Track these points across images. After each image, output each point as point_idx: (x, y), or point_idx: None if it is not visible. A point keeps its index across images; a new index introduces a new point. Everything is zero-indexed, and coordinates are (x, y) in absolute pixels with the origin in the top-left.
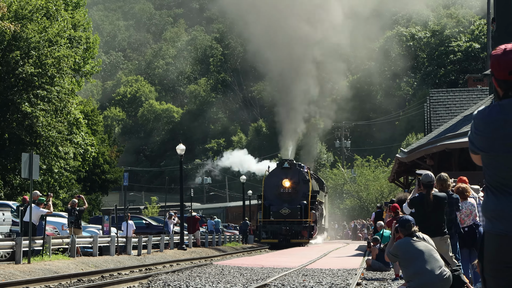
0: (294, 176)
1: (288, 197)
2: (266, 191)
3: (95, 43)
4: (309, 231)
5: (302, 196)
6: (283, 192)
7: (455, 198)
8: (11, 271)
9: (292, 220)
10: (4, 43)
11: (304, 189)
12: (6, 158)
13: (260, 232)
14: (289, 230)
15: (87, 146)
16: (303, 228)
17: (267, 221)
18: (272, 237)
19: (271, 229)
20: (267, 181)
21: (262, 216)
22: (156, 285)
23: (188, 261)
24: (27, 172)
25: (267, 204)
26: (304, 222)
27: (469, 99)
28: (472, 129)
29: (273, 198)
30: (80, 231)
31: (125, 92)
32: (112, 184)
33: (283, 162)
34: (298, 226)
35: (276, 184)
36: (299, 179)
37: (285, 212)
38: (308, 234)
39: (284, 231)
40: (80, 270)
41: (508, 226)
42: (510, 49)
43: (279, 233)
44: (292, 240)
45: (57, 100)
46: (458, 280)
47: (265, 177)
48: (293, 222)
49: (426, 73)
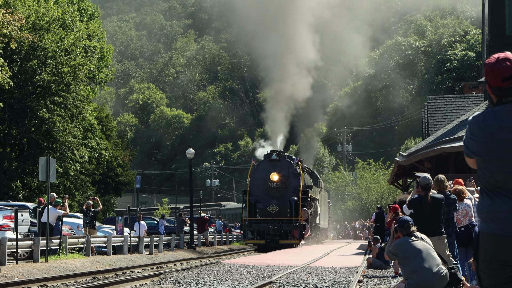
0: (283, 169)
1: (277, 192)
2: (252, 186)
3: (109, 53)
4: (300, 230)
5: (293, 191)
6: (270, 187)
7: (452, 198)
8: (29, 269)
9: (281, 218)
10: (23, 52)
11: (295, 184)
12: (24, 161)
13: (245, 232)
14: (278, 230)
15: (101, 150)
16: (293, 228)
17: (253, 219)
18: (258, 238)
19: (257, 228)
20: (253, 174)
21: (248, 214)
22: (167, 282)
23: (198, 259)
24: (45, 175)
25: (253, 200)
26: (294, 220)
27: (465, 105)
28: (467, 134)
29: (260, 194)
30: (95, 231)
31: (137, 99)
32: (125, 187)
33: (270, 154)
34: (287, 225)
35: (263, 178)
36: (289, 173)
37: (273, 210)
38: (299, 234)
39: (271, 231)
40: (95, 268)
41: (503, 226)
42: (503, 57)
43: (266, 233)
44: (281, 241)
45: (73, 107)
46: (455, 277)
47: (251, 170)
48: (282, 221)
49: (423, 80)
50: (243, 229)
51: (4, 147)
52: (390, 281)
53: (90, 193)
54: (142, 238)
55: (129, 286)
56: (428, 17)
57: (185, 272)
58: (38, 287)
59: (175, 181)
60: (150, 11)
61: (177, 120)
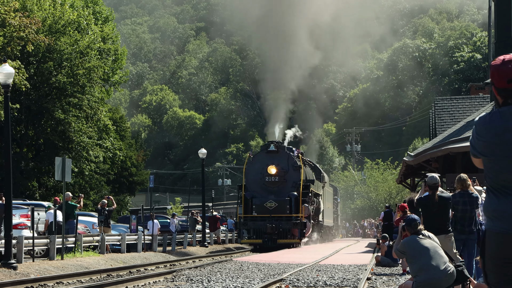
0: (282, 162)
1: (275, 187)
2: (248, 181)
3: (123, 55)
4: (301, 229)
5: (292, 186)
6: (268, 181)
7: (475, 196)
8: (45, 267)
9: (279, 215)
10: (39, 55)
11: (295, 178)
12: (41, 161)
13: (240, 231)
14: (276, 228)
15: (116, 151)
16: (293, 226)
17: (248, 217)
18: (255, 237)
19: (254, 226)
20: (249, 168)
21: (243, 211)
22: (179, 280)
23: (210, 257)
24: (60, 174)
25: (248, 196)
26: (294, 218)
27: (471, 106)
28: (474, 134)
29: (256, 189)
30: (109, 230)
31: (150, 100)
32: (139, 186)
33: (268, 145)
34: (286, 223)
35: (259, 172)
36: (288, 165)
37: (270, 206)
38: (300, 233)
39: (269, 229)
40: (109, 266)
41: (509, 225)
42: (508, 59)
43: (264, 232)
44: (280, 240)
45: (88, 108)
46: (462, 275)
47: (246, 162)
48: (281, 218)
49: (431, 81)
50: (238, 227)
51: (21, 147)
52: (398, 278)
53: (105, 192)
54: (156, 236)
55: (143, 283)
56: (436, 19)
57: (197, 270)
58: (54, 284)
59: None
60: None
61: (189, 121)
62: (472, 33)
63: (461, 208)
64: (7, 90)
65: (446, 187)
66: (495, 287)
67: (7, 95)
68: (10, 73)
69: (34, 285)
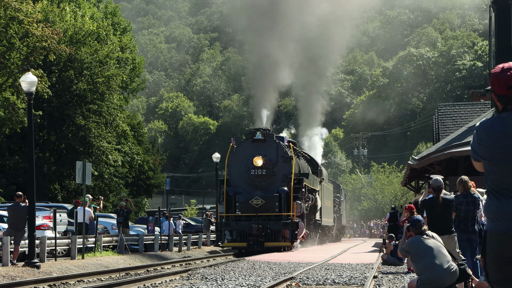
0: (269, 152)
1: (262, 181)
2: (231, 174)
3: (140, 64)
4: (292, 230)
5: (282, 180)
6: (254, 175)
7: (477, 197)
8: (67, 266)
9: (267, 214)
10: (61, 64)
11: (285, 170)
12: (62, 165)
13: (222, 232)
14: (263, 229)
15: (134, 155)
16: (283, 226)
17: (231, 216)
18: (239, 239)
19: (237, 227)
20: (232, 159)
21: (225, 209)
22: (195, 278)
23: (223, 256)
24: (81, 178)
25: (231, 192)
26: (284, 217)
27: (473, 112)
28: (475, 139)
29: (240, 184)
30: (127, 230)
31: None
32: (156, 189)
33: (254, 132)
34: (275, 223)
35: (244, 164)
36: (277, 156)
37: (257, 204)
38: (291, 235)
39: (255, 231)
40: (127, 264)
41: (509, 225)
42: (507, 67)
43: (249, 234)
44: (267, 243)
45: (107, 114)
46: (464, 273)
47: (229, 153)
48: (269, 218)
49: (434, 88)
50: (219, 228)
51: (44, 152)
52: (404, 276)
53: (123, 194)
54: (172, 237)
55: (159, 281)
56: (439, 29)
57: (211, 268)
58: (75, 282)
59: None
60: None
61: (204, 126)
62: (473, 42)
63: (464, 208)
64: (30, 97)
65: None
66: (495, 285)
67: (31, 103)
68: (33, 81)
69: (57, 283)
